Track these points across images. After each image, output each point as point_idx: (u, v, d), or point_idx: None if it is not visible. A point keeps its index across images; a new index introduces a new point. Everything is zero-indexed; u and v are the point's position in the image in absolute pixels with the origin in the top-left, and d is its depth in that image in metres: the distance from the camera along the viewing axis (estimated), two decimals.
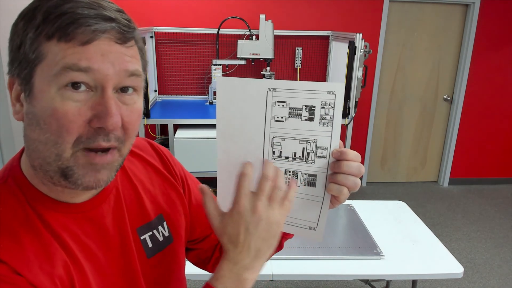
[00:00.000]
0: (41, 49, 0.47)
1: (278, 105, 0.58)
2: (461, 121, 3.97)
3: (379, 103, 3.91)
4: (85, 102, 0.48)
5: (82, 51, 0.46)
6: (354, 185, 0.59)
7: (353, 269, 1.51)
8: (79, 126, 0.48)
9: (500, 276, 2.66)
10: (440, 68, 3.88)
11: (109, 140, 0.50)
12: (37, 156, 0.50)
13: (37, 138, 0.49)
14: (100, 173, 0.51)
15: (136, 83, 0.52)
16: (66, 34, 0.46)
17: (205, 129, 2.91)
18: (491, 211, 3.60)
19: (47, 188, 0.54)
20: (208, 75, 3.49)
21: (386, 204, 2.05)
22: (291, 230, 0.65)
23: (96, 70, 0.47)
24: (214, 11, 3.39)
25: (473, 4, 3.63)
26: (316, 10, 3.51)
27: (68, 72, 0.46)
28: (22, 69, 0.48)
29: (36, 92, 0.48)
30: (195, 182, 0.78)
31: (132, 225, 0.63)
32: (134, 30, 0.51)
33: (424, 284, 2.52)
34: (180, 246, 0.72)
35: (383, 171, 4.15)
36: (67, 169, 0.49)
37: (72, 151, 0.49)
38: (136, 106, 0.52)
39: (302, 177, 0.61)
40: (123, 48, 0.49)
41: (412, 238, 1.73)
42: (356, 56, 2.86)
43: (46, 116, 0.47)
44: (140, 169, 0.69)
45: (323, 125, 0.58)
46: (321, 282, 2.50)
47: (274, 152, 0.60)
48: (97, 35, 0.47)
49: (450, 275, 1.52)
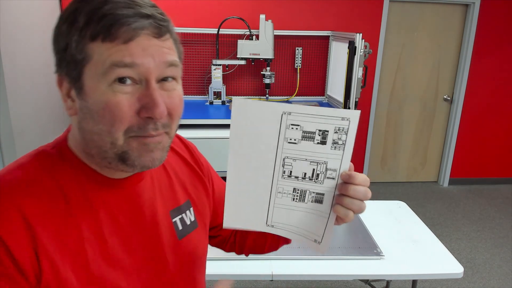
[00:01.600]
0: (87, 50, 0.51)
1: (292, 128, 0.59)
2: (461, 121, 3.97)
3: (379, 103, 3.91)
4: (132, 94, 0.52)
5: (125, 48, 0.50)
6: (359, 209, 0.61)
7: (353, 269, 1.51)
8: (130, 116, 0.52)
9: (500, 276, 2.66)
10: (440, 68, 3.88)
11: (157, 128, 0.55)
12: (94, 145, 0.55)
13: (91, 130, 0.54)
14: (154, 153, 0.56)
15: (175, 72, 0.56)
16: (109, 34, 0.50)
17: (205, 129, 2.90)
18: (491, 211, 3.59)
19: (97, 166, 0.59)
20: (208, 75, 3.49)
21: (386, 204, 2.04)
22: (296, 239, 0.67)
23: (139, 64, 0.51)
24: (214, 11, 3.39)
25: (473, 4, 3.63)
26: (316, 10, 3.51)
27: (114, 69, 0.50)
28: (70, 69, 0.53)
29: (87, 89, 0.52)
30: (216, 173, 0.85)
31: (165, 207, 0.68)
32: (169, 23, 0.55)
33: (424, 284, 2.52)
34: (203, 233, 0.76)
35: (383, 171, 4.15)
36: (123, 154, 0.54)
37: (124, 138, 0.53)
38: (177, 92, 0.57)
39: (310, 195, 0.63)
40: (160, 41, 0.53)
41: (412, 238, 1.73)
42: (356, 56, 2.86)
43: (99, 109, 0.52)
44: (172, 157, 0.74)
45: (335, 148, 0.59)
46: (321, 282, 2.50)
47: (284, 172, 0.62)
48: (137, 32, 0.51)
49: (450, 275, 1.52)
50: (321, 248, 0.65)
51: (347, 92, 2.96)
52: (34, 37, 2.78)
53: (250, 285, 2.50)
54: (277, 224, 0.66)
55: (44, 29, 2.94)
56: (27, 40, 2.67)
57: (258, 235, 0.83)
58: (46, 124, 2.94)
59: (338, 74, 3.26)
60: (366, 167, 4.04)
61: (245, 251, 0.89)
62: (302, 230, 0.65)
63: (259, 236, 0.84)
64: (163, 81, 0.55)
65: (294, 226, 0.65)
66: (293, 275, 1.51)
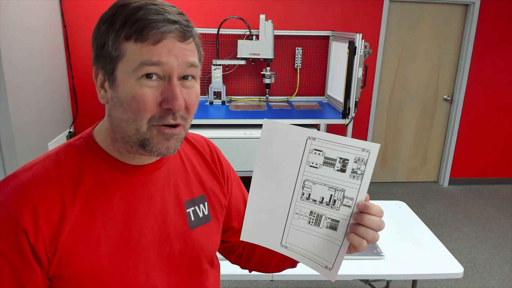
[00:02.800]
0: (121, 48, 0.59)
1: (315, 152, 0.63)
2: (461, 121, 3.97)
3: (379, 103, 3.91)
4: (157, 88, 0.60)
5: (154, 49, 0.59)
6: (373, 239, 0.64)
7: (353, 269, 1.51)
8: (153, 106, 0.60)
9: (500, 276, 2.66)
10: (440, 68, 3.88)
11: (176, 118, 0.62)
12: (120, 131, 0.64)
13: (120, 117, 0.62)
14: (170, 142, 0.63)
15: (194, 72, 0.64)
16: (141, 36, 0.58)
17: (205, 129, 2.90)
18: (491, 211, 3.59)
19: (118, 154, 0.67)
20: (208, 75, 3.49)
21: (386, 204, 2.05)
22: (307, 264, 0.69)
23: (164, 63, 0.59)
24: (214, 11, 3.39)
25: (473, 4, 3.63)
26: (316, 10, 3.51)
27: (143, 67, 0.59)
28: (106, 64, 0.61)
29: (118, 82, 0.60)
30: (238, 180, 0.90)
31: (179, 197, 0.74)
32: (193, 29, 0.64)
33: (424, 284, 2.52)
34: (216, 228, 0.81)
35: (383, 171, 4.15)
36: (144, 140, 0.62)
37: (147, 126, 0.61)
38: (195, 90, 0.65)
39: (325, 220, 0.66)
40: (184, 44, 0.62)
41: (412, 238, 1.73)
42: (356, 56, 2.86)
43: (128, 99, 0.60)
44: (192, 152, 0.82)
45: (353, 178, 0.63)
46: (321, 282, 2.50)
47: (303, 194, 0.65)
48: (165, 35, 0.59)
49: (450, 275, 1.52)
50: (331, 275, 0.67)
51: (347, 92, 2.96)
52: (34, 37, 2.77)
53: (250, 285, 2.50)
54: (291, 246, 0.69)
55: (44, 29, 2.94)
56: (27, 40, 2.67)
57: (266, 252, 0.84)
58: (46, 124, 2.94)
59: (338, 74, 3.26)
60: None
61: (249, 266, 0.92)
62: (314, 255, 0.67)
63: (267, 254, 0.86)
64: (184, 79, 0.63)
65: (307, 250, 0.68)
66: (293, 275, 1.51)
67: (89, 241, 0.62)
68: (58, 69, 3.20)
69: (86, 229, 0.62)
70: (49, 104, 3.02)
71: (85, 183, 0.64)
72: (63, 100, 3.31)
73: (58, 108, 3.18)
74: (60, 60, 3.26)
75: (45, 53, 2.95)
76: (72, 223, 0.61)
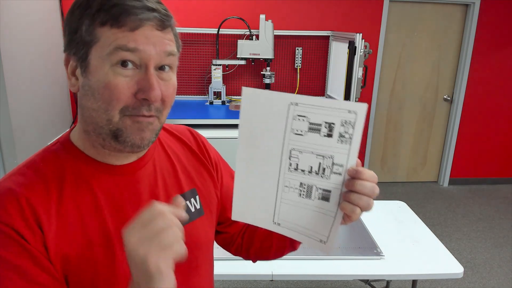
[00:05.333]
0: (96, 33, 0.56)
1: (298, 119, 0.59)
2: (461, 121, 3.97)
3: (379, 103, 3.91)
4: (132, 77, 0.57)
5: (130, 35, 0.56)
6: (367, 205, 0.60)
7: (353, 269, 1.51)
8: (127, 96, 0.57)
9: (500, 276, 2.66)
10: (440, 68, 3.88)
11: (150, 110, 0.59)
12: (91, 121, 0.60)
13: (90, 106, 0.59)
14: (144, 132, 0.60)
15: (172, 61, 0.61)
16: (118, 21, 0.55)
17: (205, 129, 2.90)
18: (491, 211, 3.59)
19: (95, 151, 0.64)
20: (208, 75, 3.49)
21: (386, 204, 2.05)
22: (302, 240, 0.66)
23: (141, 50, 0.57)
24: (214, 11, 3.39)
25: (473, 4, 3.63)
26: (316, 10, 3.51)
27: (118, 52, 0.56)
28: (79, 49, 0.58)
29: (91, 68, 0.57)
30: (228, 168, 0.86)
31: (168, 194, 0.71)
32: (171, 19, 0.61)
33: (424, 284, 2.52)
34: (210, 221, 0.78)
35: (383, 171, 4.15)
36: (117, 131, 0.59)
37: (120, 116, 0.58)
38: (172, 82, 0.62)
39: (316, 191, 0.62)
40: (162, 33, 0.59)
41: (412, 238, 1.73)
42: (356, 56, 2.85)
43: (100, 87, 0.57)
44: (177, 146, 0.78)
45: (341, 142, 0.58)
46: (321, 282, 2.50)
47: (291, 164, 0.62)
48: (143, 22, 0.56)
49: (450, 275, 1.52)
50: (326, 248, 0.64)
51: (347, 92, 2.96)
52: (34, 37, 2.77)
53: (250, 285, 2.50)
54: (284, 222, 0.66)
55: (44, 29, 2.94)
56: (27, 40, 2.67)
57: (265, 238, 0.84)
58: (46, 124, 2.94)
59: (338, 74, 3.26)
60: (366, 167, 4.02)
61: (251, 255, 0.89)
62: (307, 230, 0.65)
63: (266, 239, 0.84)
64: (161, 70, 0.60)
65: (300, 225, 0.65)
66: (293, 275, 1.51)
67: (82, 249, 0.59)
68: (58, 69, 3.20)
69: (78, 237, 0.59)
70: (49, 104, 3.01)
71: (69, 188, 0.61)
72: (63, 100, 3.30)
73: (58, 108, 3.18)
74: (60, 60, 3.25)
75: (45, 53, 2.95)
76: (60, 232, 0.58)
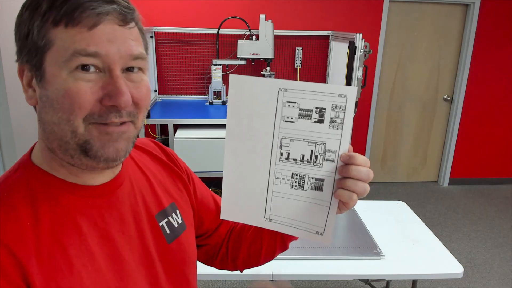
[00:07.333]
0: (49, 35, 0.49)
1: (288, 105, 0.57)
2: (461, 121, 3.97)
3: (379, 103, 3.91)
4: (96, 82, 0.50)
5: (89, 36, 0.49)
6: (363, 190, 0.58)
7: (353, 269, 1.51)
8: (91, 103, 0.50)
9: (500, 276, 2.66)
10: (440, 68, 3.88)
11: (121, 116, 0.52)
12: (54, 138, 0.52)
13: (51, 120, 0.51)
14: (118, 143, 0.53)
15: (141, 65, 0.54)
16: (72, 19, 0.48)
17: (205, 129, 2.90)
18: (491, 211, 3.59)
19: (66, 170, 0.55)
20: (208, 75, 3.49)
21: (386, 204, 2.04)
22: (297, 234, 0.64)
23: (103, 55, 0.49)
24: (214, 11, 3.39)
25: (473, 4, 3.63)
26: (316, 10, 3.51)
27: (77, 57, 0.48)
28: (32, 56, 0.50)
29: (48, 76, 0.50)
30: (197, 177, 0.82)
31: (149, 212, 0.65)
32: (134, 11, 0.53)
33: (424, 284, 2.52)
34: (192, 234, 0.74)
35: (383, 171, 4.15)
36: (85, 143, 0.51)
37: (84, 125, 0.51)
38: (144, 83, 0.55)
39: (309, 181, 0.60)
40: (126, 30, 0.52)
41: (412, 238, 1.73)
42: (356, 56, 2.85)
43: (59, 96, 0.49)
44: (149, 160, 0.72)
45: (333, 128, 0.57)
46: (321, 282, 2.50)
47: (282, 154, 0.59)
48: (101, 17, 0.49)
49: (450, 275, 1.52)
50: (324, 239, 0.62)
51: None
52: None
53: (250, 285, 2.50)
54: (276, 217, 0.63)
55: None
56: None
57: (253, 240, 0.79)
58: None
59: (338, 74, 3.26)
60: None
61: (239, 264, 0.83)
62: (302, 223, 0.62)
63: (254, 241, 0.79)
64: (129, 71, 0.53)
65: (294, 219, 0.62)
66: (293, 275, 1.51)
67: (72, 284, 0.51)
68: None
69: (65, 271, 0.51)
70: None
71: (45, 220, 0.51)
72: None
73: None
74: None
75: None
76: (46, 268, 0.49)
